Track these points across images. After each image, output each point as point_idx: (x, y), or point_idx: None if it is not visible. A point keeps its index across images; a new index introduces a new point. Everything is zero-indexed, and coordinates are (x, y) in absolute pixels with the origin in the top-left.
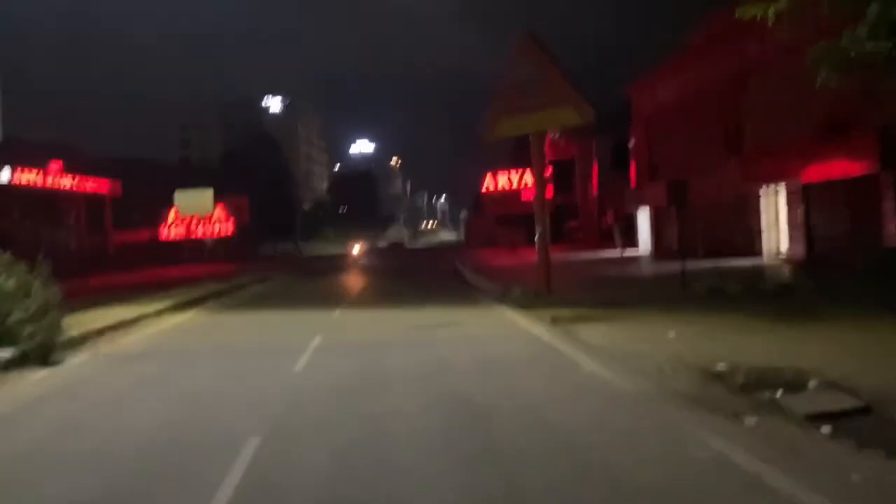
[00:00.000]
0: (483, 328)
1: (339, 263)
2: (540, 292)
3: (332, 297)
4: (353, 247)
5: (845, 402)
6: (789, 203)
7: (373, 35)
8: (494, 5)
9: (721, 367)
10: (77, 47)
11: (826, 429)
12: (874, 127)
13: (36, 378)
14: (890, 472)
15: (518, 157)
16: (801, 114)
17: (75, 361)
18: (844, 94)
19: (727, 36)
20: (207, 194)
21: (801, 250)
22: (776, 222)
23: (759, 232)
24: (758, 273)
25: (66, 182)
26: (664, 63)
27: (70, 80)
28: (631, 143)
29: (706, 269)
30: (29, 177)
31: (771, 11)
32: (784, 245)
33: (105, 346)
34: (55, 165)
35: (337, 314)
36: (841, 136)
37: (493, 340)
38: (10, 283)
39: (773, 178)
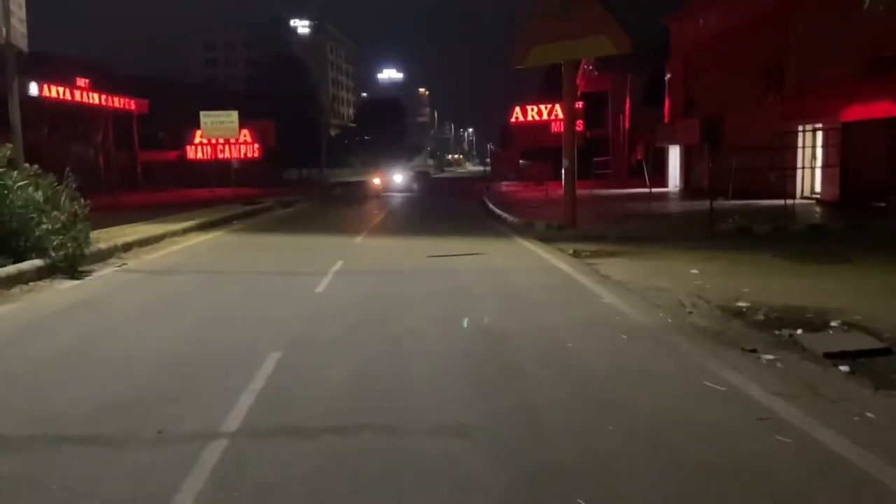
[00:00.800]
0: (505, 259)
1: (363, 191)
2: (564, 226)
3: (355, 224)
4: (374, 177)
5: (866, 343)
6: (826, 143)
7: None
8: None
9: (742, 304)
10: None
11: (844, 367)
12: None
13: (64, 287)
14: None
15: (548, 89)
16: (847, 50)
17: (102, 273)
18: (891, 30)
19: None
20: (232, 116)
21: (834, 192)
22: (811, 162)
23: (793, 172)
24: (788, 213)
25: (94, 98)
26: None
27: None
28: (667, 78)
29: (735, 208)
30: (57, 91)
31: None
32: (818, 186)
33: (132, 261)
34: (82, 82)
35: (359, 240)
36: (885, 75)
37: (514, 270)
38: (39, 195)
39: (813, 117)
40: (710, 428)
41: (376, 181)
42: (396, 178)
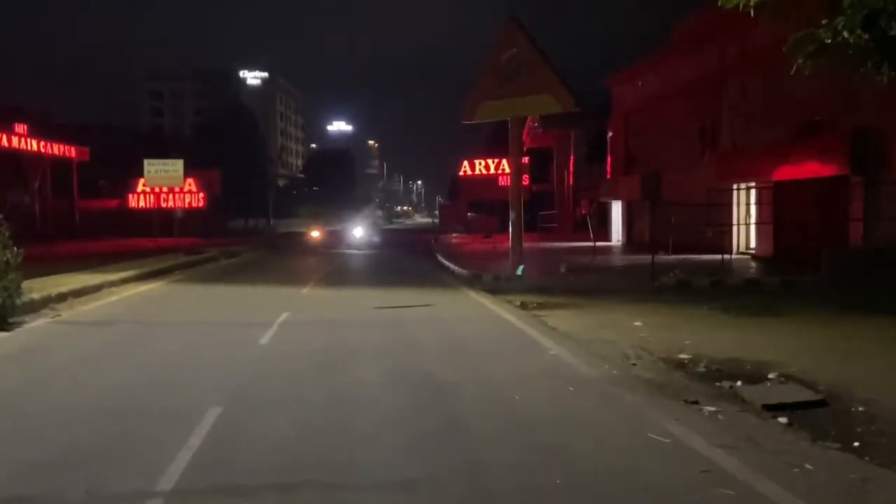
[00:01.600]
0: (452, 310)
1: (310, 241)
2: (511, 278)
3: (302, 275)
4: (312, 229)
5: (803, 395)
6: (760, 201)
7: (359, 17)
8: None
9: (684, 356)
10: (49, 9)
11: (783, 419)
12: (846, 130)
13: None
14: (842, 463)
15: (496, 143)
16: (777, 115)
17: (34, 325)
18: (819, 96)
19: (709, 35)
20: (177, 165)
21: (768, 248)
22: (746, 219)
23: (729, 228)
24: (725, 268)
25: (33, 144)
26: (646, 58)
27: (40, 40)
28: (609, 136)
29: (676, 262)
30: None
31: (753, 1)
32: (753, 242)
33: (66, 312)
34: (20, 128)
35: (306, 291)
36: (814, 138)
37: (461, 322)
38: None
39: (746, 177)
40: (655, 481)
41: (315, 234)
42: (357, 231)
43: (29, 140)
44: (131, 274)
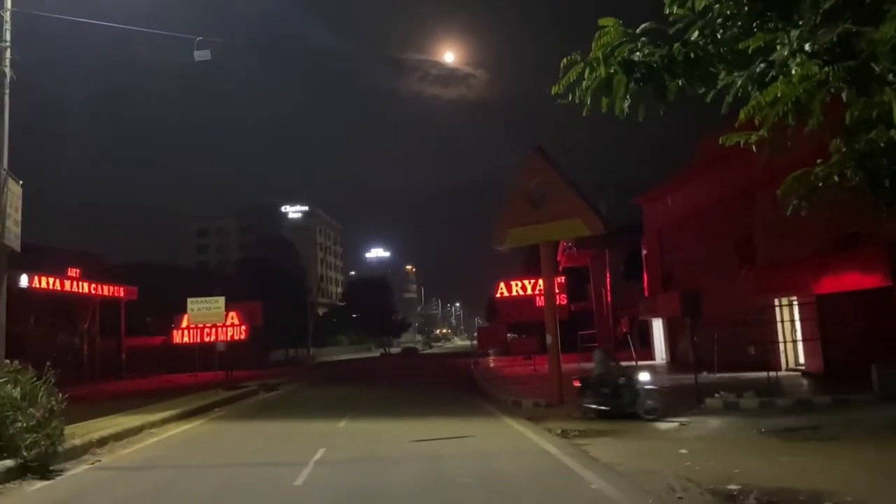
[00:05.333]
0: (490, 442)
1: (350, 370)
2: (551, 404)
3: (339, 406)
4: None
5: None
6: (803, 315)
7: (395, 146)
8: (518, 121)
9: (733, 487)
10: (99, 152)
11: None
12: (884, 240)
13: (34, 489)
14: None
15: (533, 263)
16: (813, 226)
17: (74, 472)
18: (852, 206)
19: (735, 150)
20: (219, 302)
21: (818, 364)
22: (792, 334)
23: (775, 344)
24: (774, 387)
25: (84, 287)
26: (675, 175)
27: (90, 184)
28: (643, 253)
29: (721, 381)
30: (47, 281)
31: (753, 139)
32: (801, 358)
33: (106, 457)
34: (73, 272)
35: (343, 424)
36: (852, 250)
37: (500, 455)
38: (17, 392)
39: (785, 291)
40: None
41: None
42: (644, 375)
43: (81, 283)
44: (171, 413)
